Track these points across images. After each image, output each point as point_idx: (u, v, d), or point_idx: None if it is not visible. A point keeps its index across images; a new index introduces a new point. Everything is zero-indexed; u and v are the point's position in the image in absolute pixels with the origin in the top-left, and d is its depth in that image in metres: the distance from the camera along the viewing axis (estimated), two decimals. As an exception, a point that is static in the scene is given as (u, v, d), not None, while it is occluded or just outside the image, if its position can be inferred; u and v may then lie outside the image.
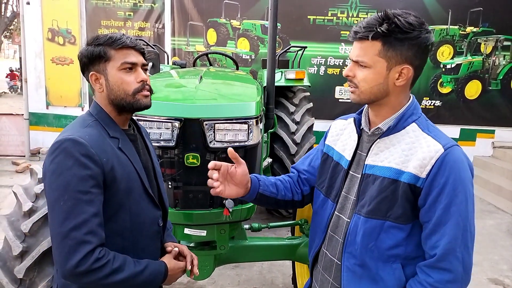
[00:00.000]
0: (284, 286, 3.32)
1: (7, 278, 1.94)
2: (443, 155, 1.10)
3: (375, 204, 1.17)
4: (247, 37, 6.85)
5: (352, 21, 6.74)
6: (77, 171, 1.13)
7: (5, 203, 4.86)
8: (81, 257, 1.10)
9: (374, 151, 1.21)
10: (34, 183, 2.20)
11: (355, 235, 1.21)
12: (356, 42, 1.18)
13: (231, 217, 2.08)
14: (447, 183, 1.09)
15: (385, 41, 1.12)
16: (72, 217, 1.11)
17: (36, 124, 7.12)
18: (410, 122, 1.19)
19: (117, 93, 1.26)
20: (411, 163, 1.13)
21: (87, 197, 1.13)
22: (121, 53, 1.25)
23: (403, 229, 1.15)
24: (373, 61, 1.14)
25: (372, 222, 1.17)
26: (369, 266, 1.19)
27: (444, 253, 1.09)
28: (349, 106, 6.92)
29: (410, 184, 1.12)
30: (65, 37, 6.92)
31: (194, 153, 1.98)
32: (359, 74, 1.17)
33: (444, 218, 1.09)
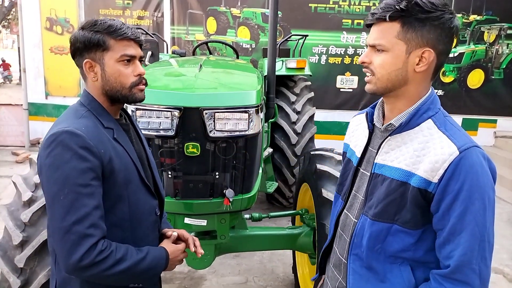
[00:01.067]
0: (284, 275, 3.33)
1: (7, 267, 1.94)
2: (458, 158, 1.00)
3: (383, 207, 1.10)
4: (247, 26, 6.78)
5: (354, 9, 6.66)
6: (76, 164, 1.10)
7: (5, 193, 4.87)
8: (84, 251, 1.09)
9: (385, 149, 1.13)
10: (34, 173, 2.20)
11: (361, 237, 1.16)
12: (374, 26, 1.09)
13: (231, 206, 2.07)
14: (462, 189, 1.00)
15: (405, 21, 1.03)
16: (73, 211, 1.09)
17: (35, 114, 7.10)
18: (425, 118, 1.09)
19: (113, 85, 1.23)
20: (422, 165, 1.04)
21: (87, 190, 1.11)
22: (120, 44, 1.21)
23: (411, 234, 1.08)
24: (391, 43, 1.05)
25: (379, 225, 1.11)
26: (376, 269, 1.14)
27: (458, 265, 1.01)
28: (350, 95, 6.88)
29: (420, 188, 1.04)
30: (64, 26, 6.85)
31: (194, 142, 1.96)
32: (376, 60, 1.08)
33: (459, 227, 1.01)
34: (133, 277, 1.22)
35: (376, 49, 1.08)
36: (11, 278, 1.92)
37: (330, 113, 6.85)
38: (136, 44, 1.25)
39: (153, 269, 1.25)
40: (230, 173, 2.09)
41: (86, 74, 1.25)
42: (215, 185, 2.08)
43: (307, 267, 2.91)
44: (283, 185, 4.28)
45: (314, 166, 2.44)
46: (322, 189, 2.28)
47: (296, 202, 2.98)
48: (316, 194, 2.37)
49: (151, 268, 1.24)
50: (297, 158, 4.09)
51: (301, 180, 2.80)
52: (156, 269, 1.27)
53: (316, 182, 2.38)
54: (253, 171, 2.19)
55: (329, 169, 2.35)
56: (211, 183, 2.07)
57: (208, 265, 2.40)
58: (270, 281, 3.24)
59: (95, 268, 1.11)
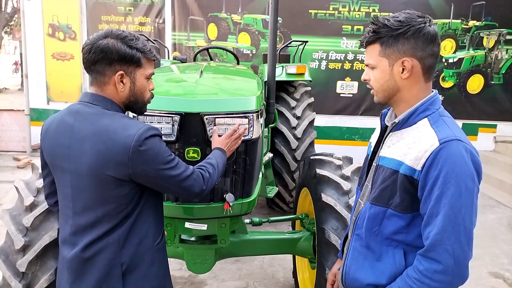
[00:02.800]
0: (285, 280, 3.34)
1: (9, 272, 1.95)
2: (438, 149, 1.14)
3: (379, 192, 1.27)
4: (248, 32, 6.83)
5: (354, 15, 6.71)
6: (162, 145, 1.39)
7: (6, 199, 4.88)
8: (192, 183, 1.46)
9: (387, 143, 1.30)
10: (36, 178, 2.21)
11: (363, 220, 1.33)
12: (366, 50, 1.31)
13: (231, 211, 2.09)
14: (439, 176, 1.12)
15: (382, 41, 1.23)
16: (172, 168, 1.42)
17: (37, 119, 7.13)
18: (422, 118, 1.23)
19: (138, 98, 1.43)
20: (410, 155, 1.19)
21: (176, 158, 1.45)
22: (149, 64, 1.42)
23: (402, 217, 1.24)
24: (376, 61, 1.26)
25: (376, 208, 1.28)
26: (373, 248, 1.30)
27: (432, 243, 1.13)
28: (351, 100, 6.91)
29: (407, 175, 1.19)
30: (66, 33, 6.91)
31: (195, 147, 1.98)
32: (371, 76, 1.29)
33: (436, 210, 1.13)
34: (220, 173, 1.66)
35: (370, 68, 1.29)
36: (13, 282, 1.93)
37: (330, 118, 6.87)
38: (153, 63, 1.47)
39: (224, 163, 1.72)
40: (230, 178, 2.10)
41: (116, 83, 1.37)
42: (215, 190, 2.09)
43: (307, 272, 2.92)
44: (283, 190, 4.29)
45: (313, 170, 2.45)
46: (321, 193, 2.29)
47: (296, 207, 2.99)
48: (315, 199, 2.38)
49: (223, 163, 1.71)
50: (297, 163, 4.11)
51: (301, 185, 2.82)
52: (224, 161, 1.73)
53: (316, 187, 2.39)
54: (253, 176, 2.20)
55: (329, 174, 2.37)
56: (211, 187, 2.08)
57: (209, 270, 2.41)
58: (270, 286, 3.25)
59: (208, 185, 1.52)
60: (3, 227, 2.10)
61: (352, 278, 1.34)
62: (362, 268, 1.32)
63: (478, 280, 3.42)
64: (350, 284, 1.35)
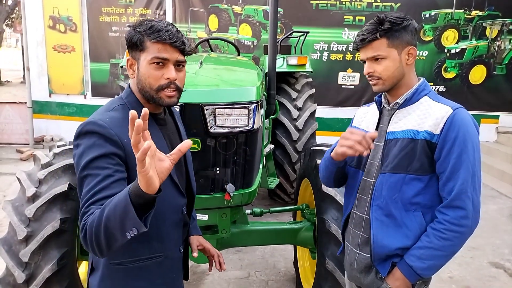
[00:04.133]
0: (286, 270, 3.36)
1: (12, 262, 1.98)
2: (452, 114, 1.35)
3: (398, 161, 1.40)
4: (249, 23, 6.79)
5: (356, 6, 6.65)
6: (97, 150, 1.14)
7: (10, 190, 4.92)
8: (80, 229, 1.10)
9: (394, 120, 1.45)
10: (38, 169, 2.23)
11: (381, 190, 1.43)
12: (365, 47, 1.43)
13: (232, 201, 2.10)
14: (457, 136, 1.33)
15: (388, 35, 1.39)
16: (86, 191, 1.12)
17: (39, 112, 7.15)
18: (422, 95, 1.44)
19: (143, 85, 1.25)
20: (427, 123, 1.37)
21: (105, 172, 1.12)
22: (155, 47, 1.22)
23: (421, 179, 1.38)
24: (387, 52, 1.40)
25: (396, 176, 1.40)
26: (394, 215, 1.42)
27: (457, 193, 1.32)
28: (352, 92, 6.88)
29: (427, 140, 1.36)
30: (66, 25, 6.89)
31: (195, 138, 1.99)
32: (378, 68, 1.42)
33: (457, 165, 1.33)
34: (109, 226, 1.01)
35: (374, 59, 1.42)
36: (16, 272, 1.96)
37: (331, 110, 6.86)
38: (173, 48, 1.23)
39: (118, 202, 1.00)
40: (230, 168, 2.11)
41: (127, 70, 1.31)
42: (216, 180, 2.10)
43: (308, 262, 2.94)
44: (284, 181, 4.30)
45: (314, 161, 2.46)
46: (322, 184, 2.30)
47: (297, 198, 3.01)
48: (316, 189, 2.39)
49: (116, 204, 1.00)
50: (299, 154, 4.11)
51: (301, 176, 2.83)
52: (121, 200, 1.00)
53: (317, 178, 2.40)
54: (253, 166, 2.21)
55: (329, 164, 2.37)
56: (212, 178, 2.09)
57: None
58: (272, 276, 3.27)
59: (85, 245, 1.08)
60: (6, 218, 2.12)
61: (381, 246, 1.44)
62: (387, 235, 1.42)
63: (479, 270, 3.43)
64: (380, 252, 1.44)
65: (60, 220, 2.01)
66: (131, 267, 1.28)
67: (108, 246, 1.05)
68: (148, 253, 1.29)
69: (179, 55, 1.25)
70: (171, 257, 1.35)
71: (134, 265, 1.28)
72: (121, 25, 6.84)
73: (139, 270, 1.29)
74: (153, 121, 1.31)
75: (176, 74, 1.25)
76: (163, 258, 1.32)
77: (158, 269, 1.32)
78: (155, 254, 1.30)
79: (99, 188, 1.11)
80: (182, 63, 1.29)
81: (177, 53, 1.25)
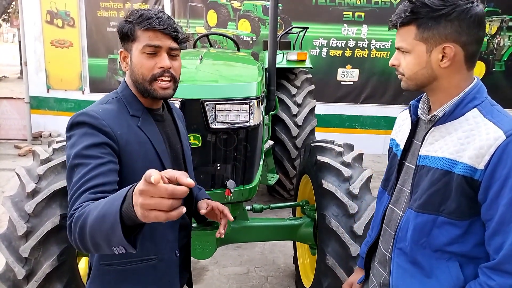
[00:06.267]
0: (285, 266, 3.37)
1: (12, 257, 1.97)
2: (505, 143, 0.98)
3: (427, 198, 1.09)
4: (248, 19, 6.76)
5: (355, 2, 6.62)
6: (88, 139, 1.10)
7: (8, 186, 4.90)
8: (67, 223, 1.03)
9: (429, 140, 1.13)
10: (37, 165, 2.22)
11: (406, 231, 1.14)
12: (397, 31, 1.14)
13: (232, 197, 2.10)
14: (510, 175, 0.97)
15: (419, 23, 1.06)
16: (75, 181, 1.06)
17: (37, 107, 7.11)
18: (470, 108, 1.07)
19: (136, 76, 1.21)
20: (467, 152, 1.02)
21: (97, 161, 1.08)
22: (146, 35, 1.17)
23: (458, 225, 1.06)
24: (411, 45, 1.09)
25: (424, 217, 1.10)
26: (421, 263, 1.12)
27: (508, 254, 0.98)
28: (351, 88, 6.87)
29: (465, 176, 1.02)
30: (64, 20, 6.84)
31: (195, 134, 1.98)
32: (403, 62, 1.13)
33: (509, 216, 0.98)
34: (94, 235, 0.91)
35: (402, 52, 1.13)
36: (16, 267, 1.95)
37: (331, 106, 6.85)
38: (165, 35, 1.18)
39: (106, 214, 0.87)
40: (231, 164, 2.11)
41: (121, 63, 1.26)
42: (216, 176, 2.10)
43: (308, 258, 2.95)
44: (284, 177, 4.30)
45: (314, 157, 2.45)
46: (322, 180, 2.30)
47: (297, 194, 3.01)
48: (316, 185, 2.39)
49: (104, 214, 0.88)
50: (298, 151, 4.11)
51: (301, 172, 2.82)
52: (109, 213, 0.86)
53: (317, 174, 2.40)
54: (254, 163, 2.21)
55: (330, 161, 2.37)
56: (212, 174, 2.09)
57: (210, 256, 2.42)
58: (271, 272, 3.28)
59: (69, 235, 1.00)
60: (5, 214, 2.11)
61: None
62: (411, 287, 1.14)
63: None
64: None
65: (60, 216, 2.00)
66: (122, 269, 1.22)
67: (94, 249, 0.97)
68: (141, 255, 1.21)
69: (171, 42, 1.20)
70: (166, 261, 1.28)
71: (125, 267, 1.22)
72: (119, 20, 6.74)
73: (131, 273, 1.23)
74: (149, 116, 1.26)
75: (170, 63, 1.20)
76: (157, 261, 1.25)
77: (152, 273, 1.25)
78: (148, 256, 1.24)
79: (91, 175, 1.05)
80: (176, 51, 1.23)
81: (169, 40, 1.19)
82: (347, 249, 2.11)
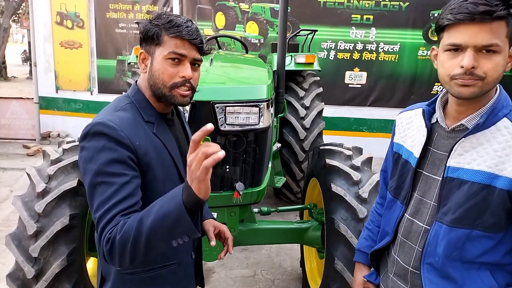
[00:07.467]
0: (292, 269, 3.35)
1: (22, 257, 1.99)
2: None
3: (463, 212, 1.05)
4: (256, 21, 6.77)
5: (363, 4, 6.61)
6: (108, 155, 1.08)
7: (17, 185, 4.94)
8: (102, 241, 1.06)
9: (458, 151, 1.07)
10: (47, 165, 2.23)
11: (435, 245, 1.10)
12: (476, 24, 0.97)
13: (241, 200, 2.09)
14: None
15: (509, 20, 0.97)
16: (103, 201, 1.06)
17: (46, 108, 7.17)
18: (501, 117, 1.04)
19: (156, 81, 1.19)
20: (509, 166, 0.99)
21: (120, 179, 1.07)
22: (173, 42, 1.17)
23: (492, 238, 1.05)
24: (503, 43, 0.98)
25: (458, 231, 1.06)
26: (453, 277, 1.09)
27: None
28: (359, 91, 6.85)
29: (509, 190, 1.00)
30: (74, 21, 6.90)
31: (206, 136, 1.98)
32: (486, 64, 0.98)
33: None
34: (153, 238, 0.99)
35: (486, 50, 0.99)
36: (25, 267, 1.97)
37: (338, 109, 6.82)
38: (191, 45, 1.19)
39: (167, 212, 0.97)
40: (240, 167, 2.11)
41: (139, 64, 1.25)
42: (226, 178, 2.10)
43: (315, 261, 2.93)
44: (291, 180, 4.29)
45: (323, 160, 2.44)
46: (331, 183, 2.29)
47: (305, 197, 3.00)
48: (325, 189, 2.38)
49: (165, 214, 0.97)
50: (305, 153, 4.10)
51: (310, 175, 2.81)
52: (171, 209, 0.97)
53: (325, 177, 2.39)
54: (262, 165, 2.20)
55: (339, 164, 2.36)
56: (221, 176, 2.09)
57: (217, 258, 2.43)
58: (278, 275, 3.27)
59: (110, 257, 1.04)
60: (14, 213, 2.13)
61: None
62: None
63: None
64: None
65: (70, 216, 2.02)
66: (144, 277, 1.24)
67: (144, 256, 1.03)
68: (162, 261, 1.24)
69: (196, 53, 1.21)
70: (184, 264, 1.31)
71: (147, 274, 1.24)
72: (128, 22, 6.84)
73: (153, 279, 1.25)
74: (162, 121, 1.26)
75: (191, 73, 1.20)
76: (176, 265, 1.28)
77: (172, 277, 1.28)
78: (169, 262, 1.26)
79: (118, 199, 1.05)
80: (198, 62, 1.23)
81: (194, 51, 1.20)
82: (356, 254, 2.10)
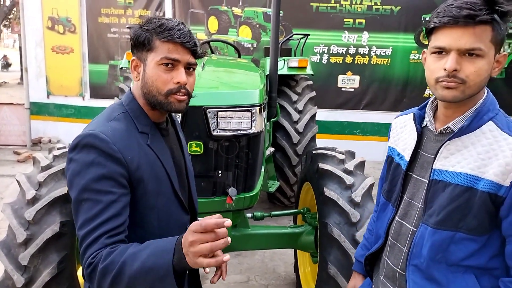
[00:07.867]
0: (286, 274, 3.34)
1: (11, 265, 1.95)
2: None
3: (446, 214, 1.06)
4: (248, 25, 6.78)
5: (356, 9, 6.65)
6: (97, 170, 1.03)
7: (7, 192, 4.88)
8: (84, 263, 1.03)
9: (444, 154, 1.08)
10: (37, 172, 2.20)
11: (421, 247, 1.11)
12: (460, 28, 0.98)
13: (234, 205, 2.08)
14: None
15: (494, 25, 0.97)
16: (88, 220, 1.02)
17: (37, 113, 7.11)
18: (486, 120, 1.05)
19: (150, 89, 1.13)
20: (491, 169, 1.00)
21: (107, 197, 1.02)
22: (165, 46, 1.11)
23: (476, 240, 1.05)
24: (487, 48, 0.98)
25: (442, 233, 1.07)
26: (437, 279, 1.09)
27: None
28: (352, 95, 6.88)
29: (490, 193, 1.00)
30: (65, 26, 6.86)
31: (197, 141, 1.98)
32: (469, 67, 0.99)
33: None
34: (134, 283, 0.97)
35: (468, 53, 0.99)
36: (15, 276, 1.93)
37: (331, 113, 6.85)
38: (184, 49, 1.13)
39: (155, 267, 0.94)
40: (232, 172, 2.10)
41: (131, 72, 1.19)
42: (218, 184, 2.09)
43: (309, 266, 2.92)
44: (284, 184, 4.29)
45: (316, 165, 2.44)
46: (324, 188, 2.28)
47: (298, 201, 2.99)
48: (318, 193, 2.38)
49: (151, 268, 0.95)
50: (299, 158, 4.10)
51: (303, 179, 2.81)
52: (159, 266, 0.95)
53: (318, 181, 2.39)
54: (255, 170, 2.20)
55: (331, 168, 2.36)
56: (214, 181, 2.08)
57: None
58: (271, 280, 3.25)
59: (90, 280, 1.01)
60: (4, 220, 2.10)
61: None
62: None
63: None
64: None
65: (60, 223, 1.99)
66: None
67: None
68: None
69: (190, 57, 1.15)
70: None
71: None
72: (120, 26, 6.81)
73: None
74: (157, 131, 1.21)
75: (186, 78, 1.14)
76: None
77: None
78: None
79: (104, 218, 1.01)
80: (193, 66, 1.17)
81: (188, 55, 1.14)
82: (349, 258, 2.09)
